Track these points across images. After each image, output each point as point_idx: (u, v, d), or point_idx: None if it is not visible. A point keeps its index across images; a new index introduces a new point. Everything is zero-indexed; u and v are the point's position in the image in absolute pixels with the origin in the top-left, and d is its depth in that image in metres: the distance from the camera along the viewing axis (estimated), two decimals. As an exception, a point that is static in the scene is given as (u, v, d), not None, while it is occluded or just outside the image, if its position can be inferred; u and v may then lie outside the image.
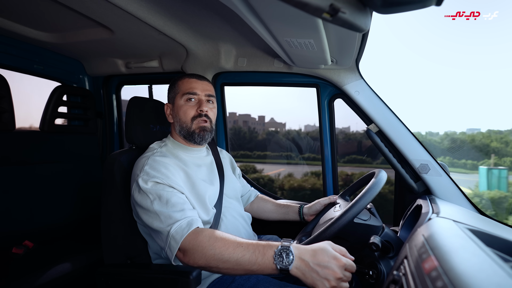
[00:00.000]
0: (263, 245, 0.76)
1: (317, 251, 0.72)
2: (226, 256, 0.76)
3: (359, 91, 1.37)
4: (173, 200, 0.89)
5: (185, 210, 0.88)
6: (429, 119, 34.67)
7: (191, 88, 1.08)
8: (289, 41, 1.01)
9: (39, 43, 1.55)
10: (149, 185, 0.91)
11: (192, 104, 1.08)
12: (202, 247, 0.79)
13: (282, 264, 0.72)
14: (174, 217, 0.85)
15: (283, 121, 15.16)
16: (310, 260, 0.71)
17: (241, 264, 0.75)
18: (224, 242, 0.78)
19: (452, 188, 1.21)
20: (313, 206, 1.23)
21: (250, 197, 1.39)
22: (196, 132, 1.07)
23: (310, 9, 0.51)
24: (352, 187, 1.19)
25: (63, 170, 1.69)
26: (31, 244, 1.44)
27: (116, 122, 2.05)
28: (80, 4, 1.06)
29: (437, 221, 0.78)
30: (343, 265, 0.70)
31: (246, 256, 0.75)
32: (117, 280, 0.99)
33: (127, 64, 1.79)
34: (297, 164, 9.50)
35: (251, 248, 0.76)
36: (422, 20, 68.69)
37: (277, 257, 0.73)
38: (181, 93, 1.09)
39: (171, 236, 0.83)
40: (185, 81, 1.11)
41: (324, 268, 0.69)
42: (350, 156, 9.25)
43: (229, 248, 0.77)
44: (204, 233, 0.81)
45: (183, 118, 1.07)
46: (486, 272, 0.45)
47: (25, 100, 2.18)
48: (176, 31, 1.29)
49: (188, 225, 0.84)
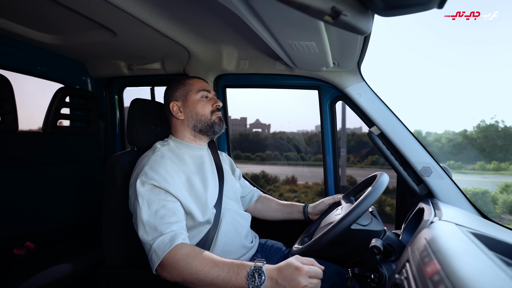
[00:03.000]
0: (238, 264, 0.80)
1: (282, 267, 0.76)
2: (201, 275, 0.79)
3: (361, 94, 1.37)
4: (161, 212, 0.89)
5: (171, 223, 0.89)
6: (428, 119, 34.53)
7: (204, 87, 1.16)
8: (291, 43, 1.01)
9: (43, 45, 1.56)
10: (145, 187, 0.92)
11: (207, 100, 1.15)
12: (179, 266, 0.81)
13: (254, 284, 0.75)
14: (159, 230, 0.86)
15: (267, 122, 15.21)
16: (277, 277, 0.75)
17: (216, 283, 0.78)
18: (200, 261, 0.81)
19: (455, 191, 1.20)
20: (318, 206, 1.24)
21: (253, 196, 1.40)
22: (216, 122, 1.14)
23: (312, 12, 0.51)
24: (357, 187, 1.18)
25: (65, 172, 1.70)
26: (33, 245, 1.44)
27: (118, 123, 2.06)
28: (83, 6, 1.07)
29: (439, 225, 0.78)
30: (306, 273, 0.74)
31: (220, 276, 0.78)
32: (118, 281, 0.99)
33: (129, 66, 1.80)
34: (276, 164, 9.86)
35: (225, 268, 0.79)
36: (422, 20, 68.60)
37: (250, 278, 0.76)
38: (195, 90, 1.14)
39: (153, 250, 0.85)
40: (196, 80, 1.18)
41: (290, 281, 0.73)
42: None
43: (205, 267, 0.80)
44: (183, 251, 0.83)
45: (202, 111, 1.12)
46: (489, 276, 0.44)
47: (28, 101, 2.19)
48: (178, 34, 1.30)
49: (170, 240, 0.85)
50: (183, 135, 1.13)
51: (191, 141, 1.14)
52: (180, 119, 1.13)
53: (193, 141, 1.14)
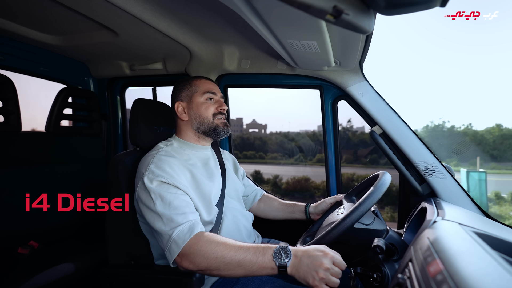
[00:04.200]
0: (262, 246, 0.82)
1: (309, 248, 0.79)
2: (228, 258, 0.79)
3: (363, 93, 1.36)
4: (175, 203, 0.90)
5: (187, 213, 0.89)
6: (428, 118, 34.52)
7: (210, 88, 1.14)
8: (292, 43, 1.01)
9: (45, 46, 1.56)
10: (153, 184, 0.92)
11: (212, 103, 1.13)
12: (204, 251, 0.81)
13: (281, 261, 0.77)
14: (176, 221, 0.86)
15: (263, 122, 15.31)
16: (302, 255, 0.77)
17: (242, 265, 0.79)
18: (225, 246, 0.82)
19: (458, 191, 1.20)
20: (319, 205, 1.24)
21: (256, 196, 1.40)
22: (220, 127, 1.13)
23: (314, 11, 0.51)
24: (358, 186, 1.18)
25: (68, 171, 1.71)
26: (37, 245, 1.46)
27: (120, 123, 2.07)
28: (85, 7, 1.07)
29: (442, 224, 0.78)
30: (331, 257, 0.76)
31: (247, 257, 0.79)
32: (121, 280, 1.00)
33: (131, 66, 1.81)
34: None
35: (251, 249, 0.81)
36: (422, 20, 68.18)
37: (276, 255, 0.78)
38: (201, 92, 1.12)
39: (172, 240, 0.84)
40: (203, 81, 1.16)
41: (313, 261, 0.75)
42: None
43: (231, 251, 0.81)
44: (205, 238, 0.84)
45: (205, 114, 1.11)
46: (492, 276, 0.44)
47: (31, 101, 2.20)
48: (180, 34, 1.30)
49: (190, 229, 0.85)
50: (187, 135, 1.13)
51: (194, 141, 1.14)
52: (184, 120, 1.13)
53: (197, 142, 1.14)
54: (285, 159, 11.50)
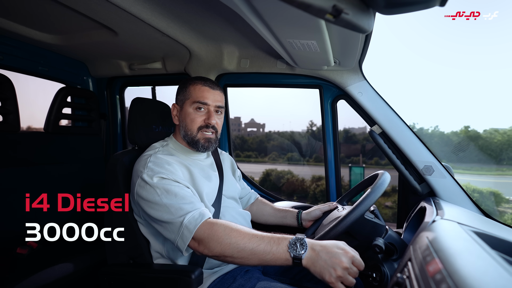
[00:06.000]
0: (278, 236, 0.80)
1: (328, 243, 0.76)
2: (241, 245, 0.79)
3: (362, 92, 1.36)
4: (181, 193, 0.90)
5: (194, 202, 0.90)
6: (428, 119, 34.58)
7: (202, 97, 1.05)
8: (291, 42, 1.01)
9: (44, 45, 1.56)
10: (154, 180, 0.92)
11: (200, 114, 1.06)
12: (218, 236, 0.81)
13: (296, 253, 0.75)
14: (185, 209, 0.87)
15: (261, 122, 15.38)
16: (320, 250, 0.74)
17: (256, 253, 0.78)
18: (239, 232, 0.82)
19: (457, 190, 1.20)
20: (312, 212, 1.21)
21: (250, 199, 1.39)
22: (200, 142, 1.06)
23: (313, 10, 0.50)
24: (350, 192, 1.19)
25: (67, 171, 1.70)
26: (35, 245, 1.45)
27: (119, 123, 2.06)
28: (84, 6, 1.07)
29: (441, 224, 0.78)
30: (351, 256, 0.73)
31: (261, 245, 0.78)
32: (120, 279, 1.00)
33: (130, 66, 1.80)
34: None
35: (266, 238, 0.80)
36: (422, 20, 68.23)
37: (292, 246, 0.76)
38: (191, 100, 1.06)
39: (184, 226, 0.84)
40: (198, 88, 1.07)
41: (332, 257, 0.72)
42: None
43: (245, 238, 0.80)
44: (219, 223, 0.84)
45: (189, 125, 1.06)
46: (491, 275, 0.44)
47: (30, 101, 2.20)
48: (179, 33, 1.30)
49: (200, 215, 0.86)
50: (181, 140, 1.12)
51: (188, 147, 1.11)
52: (176, 124, 1.12)
53: (190, 148, 1.11)
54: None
